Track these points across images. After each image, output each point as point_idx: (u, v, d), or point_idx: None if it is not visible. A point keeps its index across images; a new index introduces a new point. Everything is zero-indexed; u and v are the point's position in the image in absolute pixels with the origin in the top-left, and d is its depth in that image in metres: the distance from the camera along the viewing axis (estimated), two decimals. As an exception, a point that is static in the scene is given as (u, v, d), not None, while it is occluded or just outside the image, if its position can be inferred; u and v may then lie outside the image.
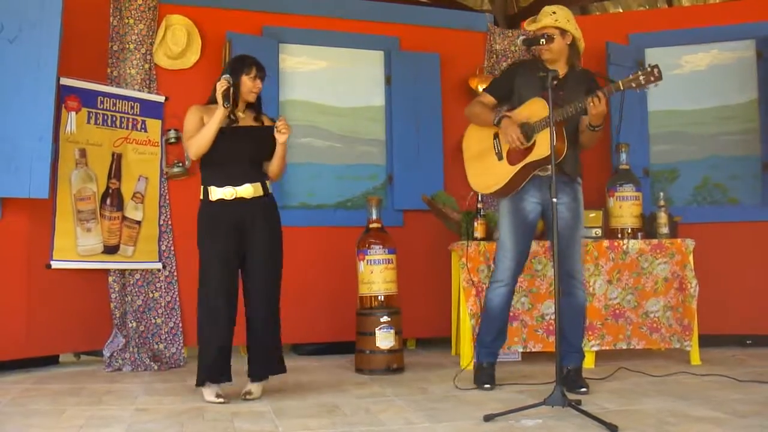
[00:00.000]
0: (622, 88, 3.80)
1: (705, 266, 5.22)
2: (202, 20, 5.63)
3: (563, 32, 4.06)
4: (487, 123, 4.17)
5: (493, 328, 4.20)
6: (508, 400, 3.78)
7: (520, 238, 4.12)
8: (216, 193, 3.95)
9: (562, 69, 4.08)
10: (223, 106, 3.83)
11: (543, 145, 3.90)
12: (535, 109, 3.98)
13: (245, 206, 3.95)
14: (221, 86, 3.85)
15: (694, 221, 5.61)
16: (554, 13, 4.05)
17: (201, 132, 3.89)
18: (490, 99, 4.25)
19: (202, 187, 4.00)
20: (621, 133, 5.65)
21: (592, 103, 3.79)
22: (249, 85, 3.99)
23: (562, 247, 3.96)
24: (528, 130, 3.98)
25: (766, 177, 5.74)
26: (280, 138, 3.97)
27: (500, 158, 4.12)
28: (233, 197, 3.94)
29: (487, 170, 4.18)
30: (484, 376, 4.19)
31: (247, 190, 3.95)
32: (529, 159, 3.99)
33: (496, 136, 4.15)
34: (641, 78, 3.76)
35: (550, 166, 3.69)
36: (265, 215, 4.00)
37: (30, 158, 4.56)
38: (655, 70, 3.75)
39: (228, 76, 3.91)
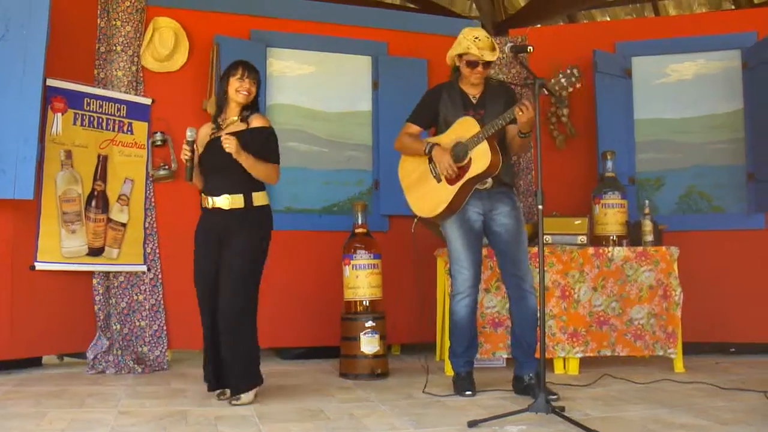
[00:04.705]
0: (546, 92, 3.97)
1: (689, 274, 5.24)
2: (189, 23, 5.61)
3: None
4: (418, 153, 4.29)
5: (463, 339, 4.27)
6: (492, 407, 3.78)
7: (472, 248, 4.20)
8: (202, 201, 4.03)
9: (479, 88, 4.25)
10: (186, 179, 4.00)
11: (479, 159, 4.06)
12: (465, 127, 4.14)
13: (223, 217, 3.94)
14: (183, 154, 3.93)
15: (679, 229, 5.63)
16: (494, 45, 4.19)
17: None
18: (415, 128, 4.39)
19: None
20: (607, 140, 5.75)
21: (520, 112, 3.87)
22: (235, 85, 3.97)
23: (510, 255, 4.17)
24: (461, 150, 4.11)
25: (751, 186, 5.76)
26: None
27: (439, 180, 4.22)
28: (212, 206, 3.95)
29: (428, 194, 4.27)
30: (464, 384, 4.22)
31: (225, 201, 3.92)
32: (468, 176, 4.11)
33: (431, 160, 4.25)
34: (562, 80, 3.93)
35: (489, 180, 4.09)
36: (241, 227, 3.92)
37: (15, 159, 4.54)
38: (575, 71, 3.92)
39: (191, 134, 3.93)
